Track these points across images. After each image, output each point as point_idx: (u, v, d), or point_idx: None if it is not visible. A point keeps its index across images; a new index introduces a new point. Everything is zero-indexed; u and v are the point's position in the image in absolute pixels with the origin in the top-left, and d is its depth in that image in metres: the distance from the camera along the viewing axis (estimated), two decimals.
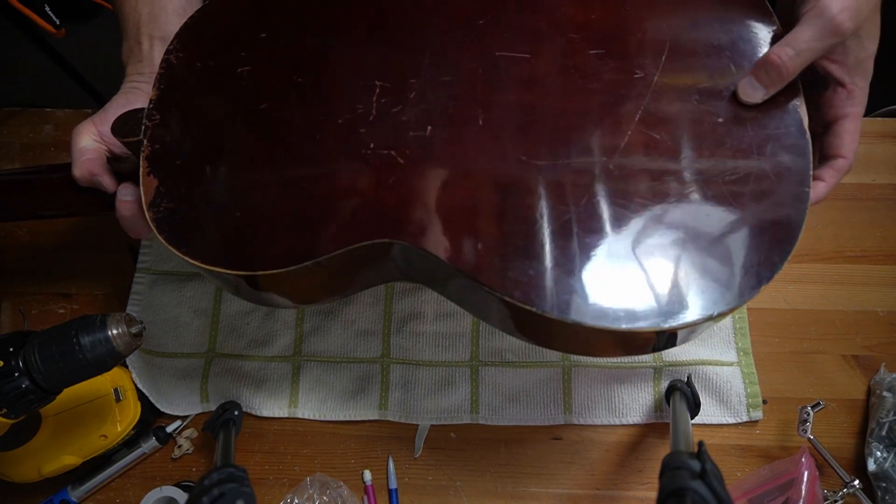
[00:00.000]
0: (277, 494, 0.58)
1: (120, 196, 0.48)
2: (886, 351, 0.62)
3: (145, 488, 0.58)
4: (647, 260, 0.39)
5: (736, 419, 0.60)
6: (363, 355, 0.63)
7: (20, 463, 0.54)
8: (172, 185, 0.43)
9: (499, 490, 0.59)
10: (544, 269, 0.39)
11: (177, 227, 0.42)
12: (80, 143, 0.48)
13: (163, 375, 0.62)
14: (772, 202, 0.41)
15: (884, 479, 0.56)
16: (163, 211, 0.43)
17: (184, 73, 0.46)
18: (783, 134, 0.42)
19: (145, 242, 0.67)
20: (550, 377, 0.62)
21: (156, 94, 0.46)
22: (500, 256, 0.40)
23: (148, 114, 0.45)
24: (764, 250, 0.40)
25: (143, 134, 0.45)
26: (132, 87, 0.50)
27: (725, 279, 0.39)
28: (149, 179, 0.44)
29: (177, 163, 0.44)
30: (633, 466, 0.59)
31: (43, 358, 0.40)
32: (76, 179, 0.48)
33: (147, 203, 0.43)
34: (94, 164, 0.48)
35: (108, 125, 0.48)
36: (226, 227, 0.42)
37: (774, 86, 0.42)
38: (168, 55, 0.47)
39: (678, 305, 0.38)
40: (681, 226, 0.40)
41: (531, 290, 0.39)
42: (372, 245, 0.41)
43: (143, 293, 0.65)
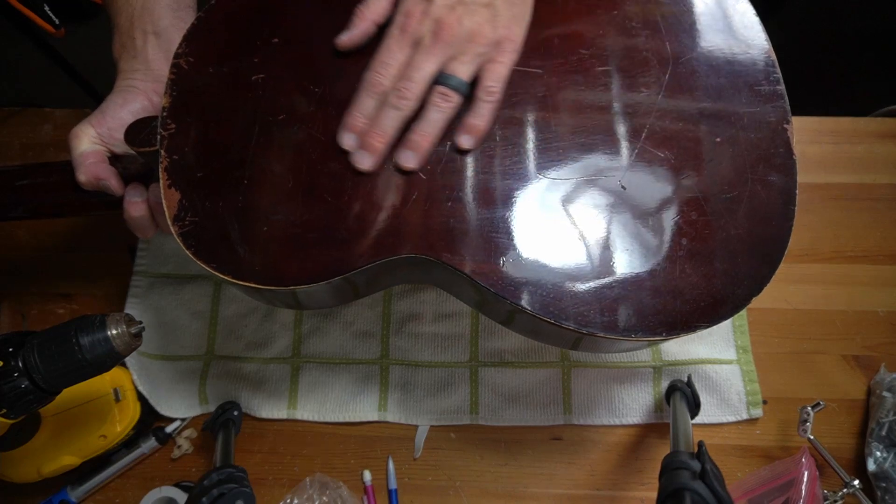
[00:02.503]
0: (277, 495, 0.58)
1: (129, 198, 0.47)
2: (886, 351, 0.62)
3: (145, 488, 0.58)
4: (659, 272, 0.42)
5: (736, 417, 0.60)
6: (362, 356, 0.63)
7: (20, 463, 0.54)
8: (195, 199, 0.43)
9: (499, 490, 0.59)
10: (566, 285, 0.41)
11: (204, 242, 0.42)
12: (80, 147, 0.47)
13: (161, 378, 0.62)
14: (761, 219, 0.43)
15: (884, 479, 0.56)
16: (188, 225, 0.42)
17: (196, 80, 0.45)
18: (773, 154, 0.45)
19: (142, 245, 0.66)
20: (550, 377, 0.62)
21: (168, 102, 0.45)
22: (524, 274, 0.42)
23: (162, 122, 0.44)
24: (755, 264, 0.43)
25: (160, 144, 0.44)
26: (128, 85, 0.49)
27: (720, 291, 0.42)
28: (170, 192, 0.43)
29: (198, 175, 0.43)
30: (633, 466, 0.59)
31: (42, 358, 0.40)
32: (81, 185, 0.47)
33: (171, 217, 0.42)
34: (99, 168, 0.47)
35: (107, 126, 0.47)
36: (254, 241, 0.42)
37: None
38: (177, 59, 0.45)
39: (686, 321, 0.42)
40: (685, 239, 0.43)
41: (558, 307, 0.41)
42: (399, 259, 0.42)
43: (141, 296, 0.65)
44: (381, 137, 0.42)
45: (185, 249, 0.42)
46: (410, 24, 0.42)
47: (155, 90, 0.49)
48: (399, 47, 0.43)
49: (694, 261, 0.43)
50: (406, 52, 0.43)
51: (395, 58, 0.43)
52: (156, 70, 0.50)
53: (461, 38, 0.42)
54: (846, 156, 0.69)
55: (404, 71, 0.42)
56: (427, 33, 0.42)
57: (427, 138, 0.43)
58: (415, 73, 0.42)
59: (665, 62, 0.46)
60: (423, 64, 0.42)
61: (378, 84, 0.43)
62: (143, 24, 0.49)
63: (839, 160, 0.69)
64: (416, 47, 0.42)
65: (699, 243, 0.43)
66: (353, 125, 0.43)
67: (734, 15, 0.48)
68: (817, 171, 0.68)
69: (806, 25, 1.13)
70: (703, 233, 0.43)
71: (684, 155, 0.45)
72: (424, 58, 0.42)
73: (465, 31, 0.42)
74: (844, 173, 0.68)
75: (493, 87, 0.43)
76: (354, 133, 0.43)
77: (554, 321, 0.41)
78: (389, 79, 0.43)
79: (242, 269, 0.42)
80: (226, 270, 0.41)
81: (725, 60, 0.46)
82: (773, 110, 0.46)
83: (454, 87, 0.43)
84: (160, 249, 0.66)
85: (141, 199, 0.47)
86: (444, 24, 0.42)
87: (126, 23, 0.50)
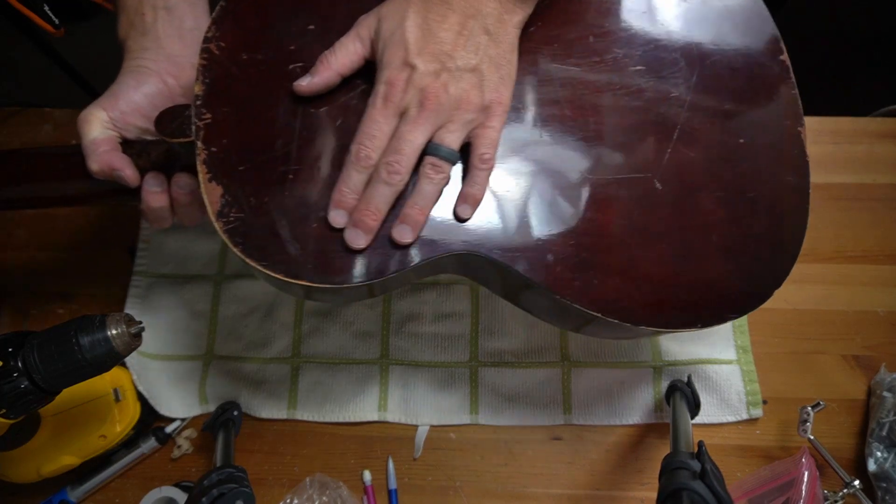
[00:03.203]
0: (277, 495, 0.58)
1: (148, 188, 0.45)
2: (887, 351, 0.62)
3: (145, 489, 0.58)
4: (693, 268, 0.44)
5: (736, 417, 0.60)
6: (362, 356, 0.63)
7: (19, 463, 0.54)
8: (239, 193, 0.41)
9: (499, 490, 0.59)
10: (609, 279, 0.43)
11: (252, 239, 0.41)
12: (91, 133, 0.44)
13: (161, 378, 0.62)
14: (779, 216, 0.46)
15: (884, 480, 0.56)
16: (234, 221, 0.41)
17: (229, 67, 0.43)
18: (789, 156, 0.47)
19: (142, 245, 0.66)
20: (550, 377, 0.62)
21: (202, 90, 0.43)
22: (570, 269, 0.43)
23: (196, 112, 0.42)
24: (776, 259, 0.45)
25: (195, 135, 0.42)
26: (138, 65, 0.46)
27: (747, 284, 0.45)
28: (211, 186, 0.41)
29: (239, 168, 0.42)
30: (633, 466, 0.59)
31: (42, 358, 0.40)
32: (93, 174, 0.44)
33: (214, 212, 0.41)
34: (113, 157, 0.44)
35: (119, 110, 0.45)
36: (304, 238, 0.41)
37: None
38: (207, 43, 0.43)
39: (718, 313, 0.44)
40: (714, 233, 0.45)
41: (604, 300, 0.43)
42: (450, 255, 0.43)
43: (141, 296, 0.65)
44: (374, 215, 0.41)
45: (233, 247, 0.40)
46: (394, 94, 0.40)
47: (168, 71, 0.47)
48: (384, 118, 0.41)
49: (722, 256, 0.45)
50: (391, 123, 0.41)
51: (381, 129, 0.41)
52: (167, 49, 0.47)
53: (448, 107, 0.41)
54: (846, 156, 0.69)
55: (392, 143, 0.41)
56: (412, 102, 0.40)
57: (423, 212, 0.42)
58: (404, 146, 0.41)
59: (693, 64, 0.48)
60: (410, 135, 0.41)
61: (366, 158, 0.41)
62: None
63: (839, 160, 0.69)
64: (403, 117, 0.41)
65: (726, 240, 0.45)
66: (343, 202, 0.41)
67: (753, 20, 0.49)
68: (817, 171, 0.68)
69: (806, 25, 1.13)
70: (729, 230, 0.45)
71: (712, 156, 0.46)
72: (412, 128, 0.41)
73: (451, 99, 0.41)
74: (844, 173, 0.68)
75: (487, 154, 0.42)
76: (344, 210, 0.41)
77: (601, 314, 0.42)
78: (377, 151, 0.41)
79: (295, 267, 0.40)
80: (278, 269, 0.40)
81: (745, 64, 0.48)
82: (788, 113, 0.48)
83: (445, 157, 0.42)
84: (160, 249, 0.66)
85: (160, 190, 0.45)
86: (429, 92, 0.40)
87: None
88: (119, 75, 0.46)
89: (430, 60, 0.40)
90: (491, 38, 0.42)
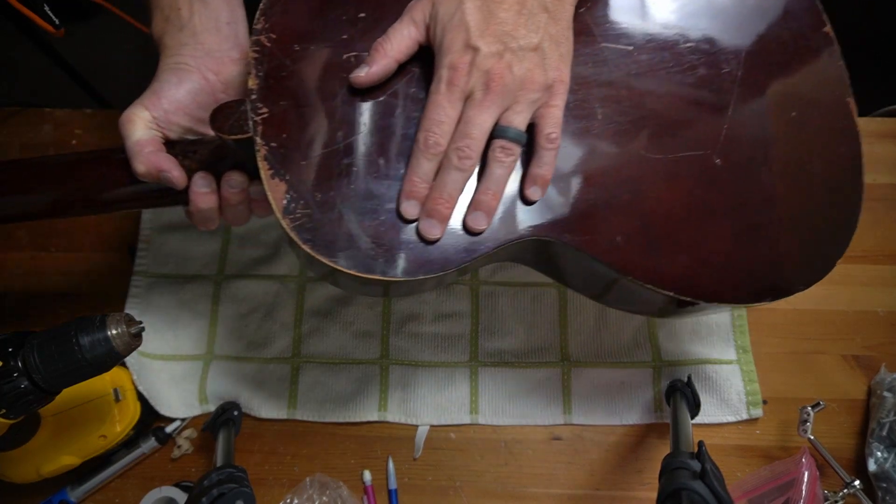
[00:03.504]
0: (277, 495, 0.58)
1: (197, 189, 0.44)
2: (887, 351, 0.62)
3: (145, 489, 0.58)
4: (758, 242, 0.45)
5: (736, 417, 0.60)
6: (362, 356, 0.63)
7: (19, 463, 0.54)
8: (303, 189, 0.40)
9: (499, 490, 0.59)
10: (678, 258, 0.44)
11: (321, 235, 0.40)
12: (135, 133, 0.43)
13: (161, 378, 0.62)
14: (835, 189, 0.47)
15: (884, 480, 0.56)
16: (301, 217, 0.40)
17: (282, 59, 0.42)
18: (839, 127, 0.48)
19: (142, 245, 0.66)
20: (550, 377, 0.62)
21: (256, 84, 0.41)
22: (640, 250, 0.43)
23: (252, 106, 0.41)
24: (837, 228, 0.46)
25: (253, 130, 0.41)
26: (178, 62, 0.45)
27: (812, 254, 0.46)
28: (274, 183, 0.40)
29: (302, 163, 0.41)
30: (633, 466, 0.59)
31: (42, 358, 0.40)
32: (139, 176, 0.43)
33: (280, 210, 0.40)
34: (160, 158, 0.43)
35: (163, 109, 0.44)
36: (375, 231, 0.40)
37: None
38: (257, 35, 0.42)
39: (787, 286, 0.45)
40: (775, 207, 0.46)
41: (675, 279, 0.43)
42: (521, 241, 0.43)
43: (141, 296, 0.65)
44: (447, 203, 0.41)
45: (302, 244, 0.39)
46: (458, 78, 0.40)
47: (208, 66, 0.45)
48: (450, 103, 0.40)
49: (785, 229, 0.45)
50: (457, 108, 0.40)
51: (447, 115, 0.40)
52: (206, 44, 0.46)
53: (514, 87, 0.40)
54: None
55: (460, 128, 0.40)
56: (478, 85, 0.40)
57: (496, 196, 0.42)
58: (473, 130, 0.40)
59: (741, 39, 0.48)
60: (479, 118, 0.40)
61: (435, 145, 0.40)
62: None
63: None
64: (468, 101, 0.40)
65: (787, 213, 0.46)
66: (415, 192, 0.41)
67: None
68: None
69: None
70: (789, 203, 0.46)
71: (766, 130, 0.47)
72: (478, 112, 0.40)
73: (516, 80, 0.40)
74: None
75: (553, 133, 0.42)
76: (416, 200, 0.41)
77: (674, 293, 0.43)
78: (445, 137, 0.40)
79: (366, 262, 0.40)
80: (349, 265, 0.39)
81: (791, 38, 0.49)
82: (836, 85, 0.49)
83: (514, 138, 0.41)
84: (160, 249, 0.66)
85: (209, 190, 0.44)
86: (494, 74, 0.39)
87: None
88: (158, 73, 0.45)
89: (492, 42, 0.40)
90: (550, 15, 0.41)
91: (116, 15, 0.66)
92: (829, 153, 0.47)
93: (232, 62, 0.45)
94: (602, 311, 0.64)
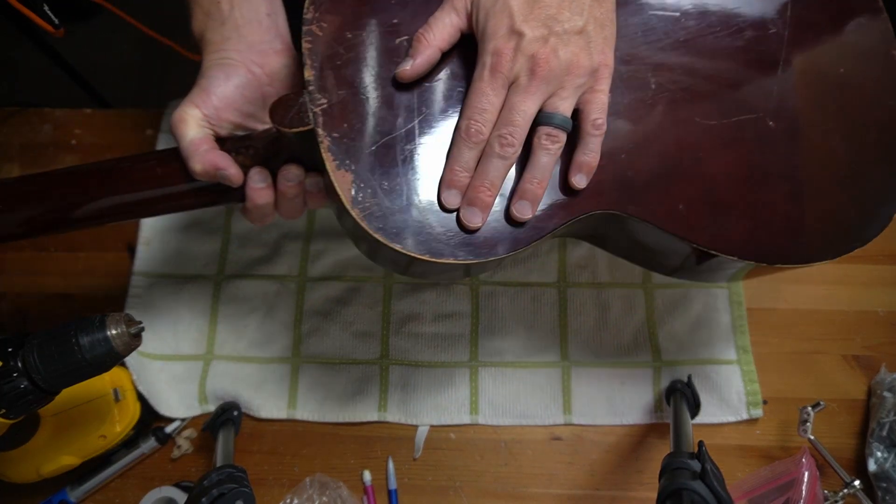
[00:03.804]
0: (277, 495, 0.58)
1: (253, 184, 0.43)
2: (887, 351, 0.62)
3: (144, 489, 0.58)
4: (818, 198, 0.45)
5: (736, 417, 0.60)
6: (362, 356, 0.63)
7: (19, 463, 0.54)
8: (370, 178, 0.40)
9: (499, 490, 0.59)
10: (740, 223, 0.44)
11: (391, 222, 0.40)
12: (189, 133, 0.42)
13: (161, 378, 0.62)
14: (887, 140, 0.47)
15: (884, 480, 0.56)
16: (370, 206, 0.39)
17: (336, 48, 0.42)
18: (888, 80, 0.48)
19: (142, 245, 0.66)
20: (550, 377, 0.62)
21: (312, 74, 0.41)
22: (702, 216, 0.44)
23: (311, 97, 0.41)
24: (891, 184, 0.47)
25: (314, 122, 0.40)
26: (224, 57, 0.44)
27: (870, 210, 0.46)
28: (340, 174, 0.40)
29: (365, 152, 0.40)
30: (633, 467, 0.59)
31: (42, 358, 0.40)
32: (196, 175, 0.43)
33: (348, 200, 0.39)
34: (216, 156, 0.42)
35: (213, 106, 0.43)
36: (443, 216, 0.40)
37: None
38: (308, 25, 0.42)
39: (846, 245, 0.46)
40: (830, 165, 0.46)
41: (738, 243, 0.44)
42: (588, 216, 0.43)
43: (141, 295, 0.65)
44: (489, 191, 0.40)
45: (373, 233, 0.39)
46: (503, 64, 0.39)
47: (252, 60, 0.45)
48: (493, 90, 0.39)
49: (841, 187, 0.46)
50: (500, 95, 0.40)
51: (490, 102, 0.40)
52: (248, 37, 0.45)
53: (559, 72, 0.39)
54: None
55: (504, 115, 0.40)
56: (522, 71, 0.39)
57: (542, 185, 0.41)
58: (516, 117, 0.39)
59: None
60: (523, 105, 0.39)
61: (477, 133, 0.40)
62: None
63: None
64: (512, 87, 0.40)
65: (842, 171, 0.46)
66: (456, 181, 0.40)
67: None
68: None
69: None
70: (843, 160, 0.46)
71: (817, 88, 0.47)
72: (523, 98, 0.39)
73: (562, 64, 0.39)
74: None
75: (599, 119, 0.41)
76: (457, 189, 0.40)
77: (737, 257, 0.43)
78: (488, 125, 0.40)
79: (438, 247, 0.40)
80: (421, 250, 0.39)
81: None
82: (881, 38, 0.49)
83: (560, 125, 0.40)
84: (160, 249, 0.66)
85: (266, 185, 0.44)
86: (539, 59, 0.38)
87: None
88: (203, 70, 0.45)
89: (537, 26, 0.39)
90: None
91: (116, 15, 0.66)
92: (879, 107, 0.47)
93: (275, 53, 0.45)
94: (602, 310, 0.64)
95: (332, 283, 0.65)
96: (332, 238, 0.66)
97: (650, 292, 0.65)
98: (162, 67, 0.97)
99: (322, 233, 0.67)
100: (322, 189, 0.45)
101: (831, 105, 0.47)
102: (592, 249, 0.66)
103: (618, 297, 0.64)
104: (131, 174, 0.45)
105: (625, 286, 0.65)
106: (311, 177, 0.45)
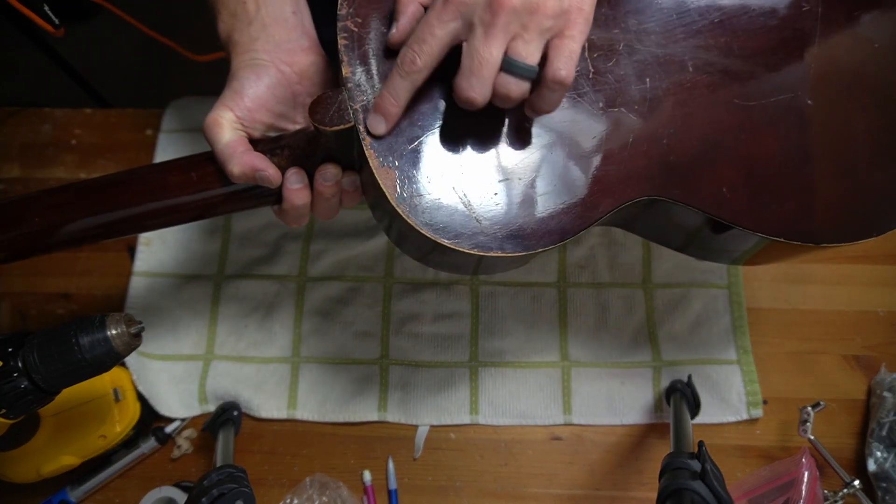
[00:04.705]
0: (277, 495, 0.58)
1: (290, 185, 0.43)
2: (887, 351, 0.62)
3: (144, 489, 0.58)
4: (856, 177, 0.45)
5: (736, 417, 0.60)
6: (362, 356, 0.63)
7: (19, 463, 0.54)
8: (414, 173, 0.40)
9: (499, 490, 0.59)
10: (784, 203, 0.44)
11: (439, 218, 0.39)
12: (224, 136, 0.42)
13: (161, 378, 0.62)
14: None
15: (884, 480, 0.56)
16: (416, 202, 0.39)
17: (373, 43, 0.41)
18: None
19: (142, 245, 0.66)
20: (550, 377, 0.62)
21: (349, 71, 0.40)
22: (746, 198, 0.43)
23: (350, 95, 0.40)
24: None
25: (355, 119, 0.40)
26: (253, 58, 0.44)
27: None
28: (384, 171, 0.39)
29: (408, 147, 0.40)
30: (633, 467, 0.59)
31: (42, 358, 0.40)
32: (234, 178, 0.42)
33: (393, 198, 0.39)
34: (253, 157, 0.41)
35: (246, 108, 0.43)
36: (490, 209, 0.40)
37: None
38: (343, 21, 0.41)
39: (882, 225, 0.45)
40: (870, 143, 0.46)
41: (783, 224, 0.44)
42: (632, 204, 0.43)
43: (141, 296, 0.65)
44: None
45: (420, 229, 0.39)
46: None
47: (281, 59, 0.44)
48: (439, 20, 0.36)
49: (881, 163, 0.45)
50: (447, 27, 0.37)
51: (433, 33, 0.37)
52: (276, 36, 0.44)
53: (521, 11, 0.35)
54: None
55: (466, 63, 0.37)
56: (480, 6, 0.35)
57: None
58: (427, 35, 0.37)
59: None
60: (486, 52, 0.36)
61: (411, 63, 0.37)
62: None
63: None
64: (470, 31, 0.36)
65: (882, 146, 0.46)
66: (382, 108, 0.39)
67: None
68: None
69: None
70: (882, 136, 0.46)
71: (853, 64, 0.47)
72: (483, 41, 0.36)
73: (525, 1, 0.35)
74: None
75: (563, 70, 0.37)
76: (382, 116, 0.39)
77: (783, 238, 0.43)
78: (424, 56, 0.37)
79: (485, 240, 0.39)
80: (470, 244, 0.39)
81: None
82: None
83: (522, 74, 0.37)
84: (160, 249, 0.66)
85: (303, 186, 0.43)
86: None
87: None
88: (233, 71, 0.44)
89: None
90: None
91: (116, 15, 0.66)
92: None
93: (303, 51, 0.44)
94: (602, 311, 0.64)
95: (332, 283, 0.65)
96: (332, 238, 0.66)
97: (650, 292, 0.65)
98: (162, 67, 0.97)
99: (322, 233, 0.67)
100: (358, 188, 0.44)
101: (868, 80, 0.47)
102: (592, 249, 0.66)
103: (618, 297, 0.64)
104: (167, 180, 0.45)
105: (625, 286, 0.65)
106: (347, 175, 0.44)
